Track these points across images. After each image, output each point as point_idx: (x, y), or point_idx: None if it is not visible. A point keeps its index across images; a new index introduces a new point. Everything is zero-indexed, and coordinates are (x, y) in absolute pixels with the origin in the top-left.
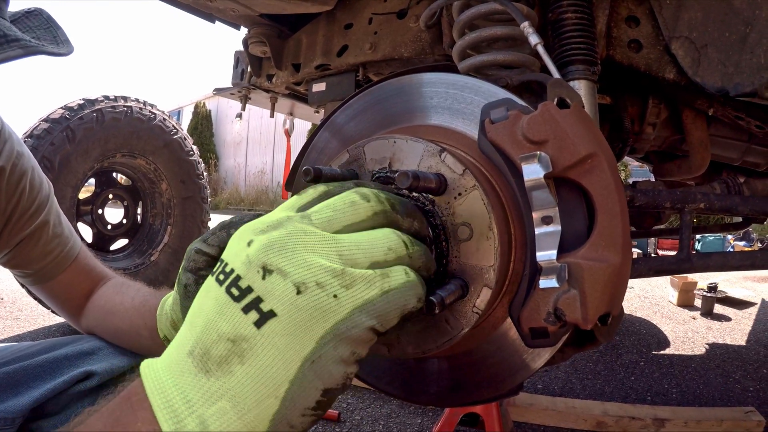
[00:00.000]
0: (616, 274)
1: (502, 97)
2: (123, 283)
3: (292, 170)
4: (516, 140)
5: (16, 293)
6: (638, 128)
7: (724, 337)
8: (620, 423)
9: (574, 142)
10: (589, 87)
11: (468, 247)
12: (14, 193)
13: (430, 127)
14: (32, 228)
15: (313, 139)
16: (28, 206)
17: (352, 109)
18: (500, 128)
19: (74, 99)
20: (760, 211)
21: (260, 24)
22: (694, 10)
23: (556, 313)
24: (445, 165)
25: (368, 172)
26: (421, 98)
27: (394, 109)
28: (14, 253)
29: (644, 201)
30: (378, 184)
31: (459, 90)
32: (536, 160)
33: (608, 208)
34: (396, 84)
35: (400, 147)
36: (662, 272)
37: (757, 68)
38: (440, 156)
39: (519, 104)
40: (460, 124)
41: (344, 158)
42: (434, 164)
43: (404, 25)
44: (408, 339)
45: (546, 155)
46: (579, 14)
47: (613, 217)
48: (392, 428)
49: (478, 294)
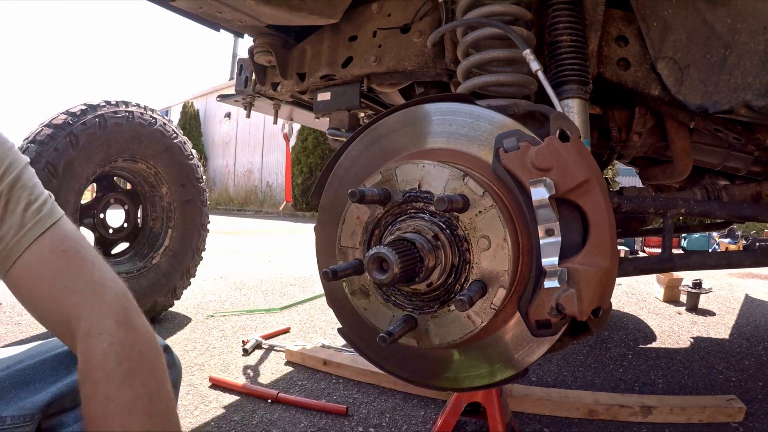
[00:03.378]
0: (606, 276)
1: (511, 127)
2: (111, 372)
3: (318, 183)
4: (526, 167)
5: (13, 299)
6: (625, 136)
7: (708, 331)
8: (610, 411)
9: (574, 170)
10: (581, 104)
11: (486, 256)
12: None
13: (451, 151)
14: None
15: (341, 153)
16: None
17: (383, 128)
18: (513, 157)
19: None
20: (735, 215)
21: (266, 34)
22: (679, 33)
23: (557, 308)
24: (468, 187)
25: (400, 191)
26: (444, 125)
27: (420, 132)
28: None
29: (630, 207)
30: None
31: (475, 119)
32: (542, 184)
33: (600, 224)
34: (421, 111)
35: (429, 171)
36: (646, 271)
37: (734, 88)
38: (464, 180)
39: (527, 135)
40: (475, 148)
41: (377, 178)
42: (458, 186)
43: (408, 40)
44: (435, 332)
45: (551, 180)
46: (573, 36)
47: (603, 231)
48: (398, 420)
49: (495, 293)
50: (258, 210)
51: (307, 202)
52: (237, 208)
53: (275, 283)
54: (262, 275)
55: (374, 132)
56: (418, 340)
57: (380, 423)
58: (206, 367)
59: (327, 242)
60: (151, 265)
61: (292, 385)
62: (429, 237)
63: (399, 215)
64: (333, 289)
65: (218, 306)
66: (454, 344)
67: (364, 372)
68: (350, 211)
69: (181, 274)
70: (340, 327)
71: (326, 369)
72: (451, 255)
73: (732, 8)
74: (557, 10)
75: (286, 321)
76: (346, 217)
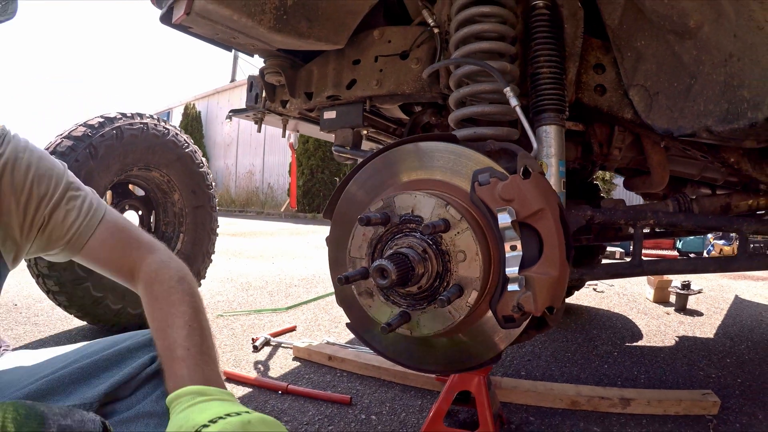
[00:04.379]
0: (556, 282)
1: (486, 164)
2: (171, 287)
3: (330, 202)
4: (494, 198)
5: (29, 299)
6: (606, 150)
7: (694, 331)
8: (591, 402)
9: (530, 201)
10: (557, 130)
11: (463, 266)
12: (23, 184)
13: (439, 182)
14: (48, 210)
15: (350, 179)
16: (44, 193)
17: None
18: (484, 190)
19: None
20: (702, 226)
21: (276, 56)
22: (650, 63)
23: (518, 306)
24: (449, 213)
25: (397, 215)
26: (435, 160)
27: (416, 164)
28: (40, 237)
29: (603, 219)
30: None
31: (458, 156)
32: (506, 211)
33: (551, 242)
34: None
35: (420, 200)
36: (617, 275)
37: (697, 114)
38: (446, 207)
39: (498, 172)
40: (458, 180)
41: (379, 204)
42: (442, 212)
43: (406, 66)
44: (424, 324)
45: (512, 209)
46: (552, 68)
47: (553, 248)
48: (397, 408)
49: (470, 295)
50: (260, 211)
51: (308, 203)
52: (238, 210)
53: (280, 284)
54: (267, 276)
55: (377, 162)
56: (411, 330)
57: (381, 411)
58: (219, 363)
59: (337, 252)
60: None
61: (300, 378)
62: (419, 251)
63: (396, 233)
64: (343, 291)
65: (227, 306)
66: (439, 334)
67: (366, 366)
68: (358, 229)
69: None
70: (348, 322)
71: (331, 364)
72: (437, 265)
73: (698, 41)
74: (539, 44)
75: (292, 320)
76: (354, 234)
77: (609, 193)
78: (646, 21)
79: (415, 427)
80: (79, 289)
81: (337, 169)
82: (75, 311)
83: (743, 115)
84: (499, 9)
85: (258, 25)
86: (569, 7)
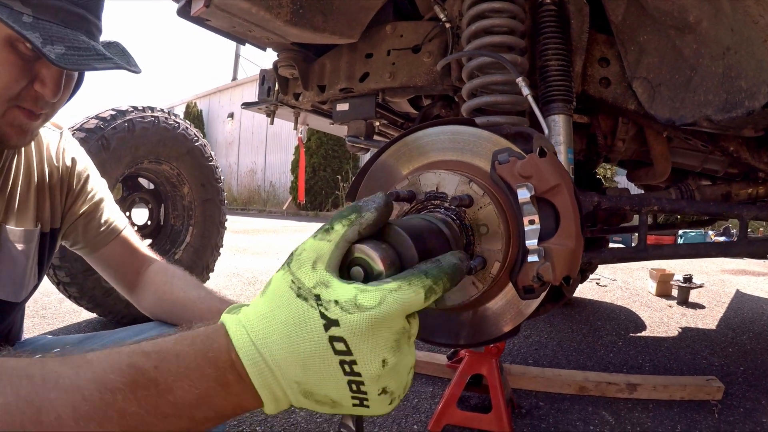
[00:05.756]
0: (572, 253)
1: (504, 145)
2: (177, 275)
3: (353, 185)
4: (513, 175)
5: (36, 293)
6: (611, 142)
7: (697, 322)
8: (599, 387)
9: (547, 177)
10: (566, 119)
11: (486, 238)
12: (75, 182)
13: (459, 162)
14: (87, 208)
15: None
16: (88, 191)
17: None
18: (504, 168)
19: (104, 109)
20: (703, 212)
21: (289, 49)
22: (652, 56)
23: (538, 276)
24: (472, 189)
25: (422, 192)
26: (455, 142)
27: (437, 147)
28: (72, 228)
29: (609, 205)
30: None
31: (477, 138)
32: (525, 187)
33: (567, 216)
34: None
35: (444, 177)
36: (624, 260)
37: (698, 104)
38: (469, 184)
39: (515, 152)
40: (478, 160)
41: (405, 182)
42: (465, 189)
43: (418, 60)
44: (448, 296)
45: (531, 185)
46: (560, 61)
47: (569, 221)
48: (409, 395)
49: (492, 265)
50: (261, 209)
51: (310, 201)
52: (240, 208)
53: None
54: (273, 271)
55: (400, 145)
56: (436, 302)
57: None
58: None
59: None
60: (174, 261)
61: None
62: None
63: (421, 210)
64: None
65: (234, 300)
66: (462, 306)
67: None
68: None
69: (201, 269)
70: None
71: None
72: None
73: (697, 35)
74: (547, 38)
75: None
76: None
77: None
78: (648, 17)
79: (428, 412)
80: (90, 280)
81: (339, 167)
82: (85, 303)
83: (741, 104)
84: (509, 5)
85: (275, 19)
86: (575, 4)
